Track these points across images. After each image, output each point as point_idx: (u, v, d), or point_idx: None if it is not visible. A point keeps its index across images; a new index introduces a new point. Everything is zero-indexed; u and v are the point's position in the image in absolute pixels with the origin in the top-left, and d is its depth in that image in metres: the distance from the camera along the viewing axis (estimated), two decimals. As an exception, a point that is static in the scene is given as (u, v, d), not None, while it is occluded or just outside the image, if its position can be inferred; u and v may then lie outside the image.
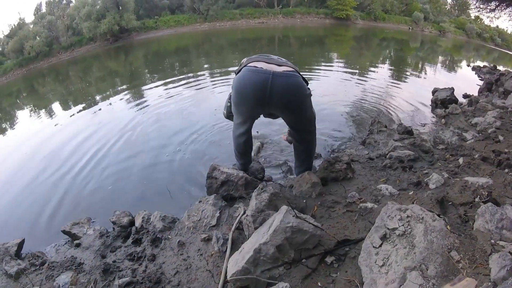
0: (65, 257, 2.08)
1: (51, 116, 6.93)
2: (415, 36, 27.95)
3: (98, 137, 4.54)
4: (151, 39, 25.92)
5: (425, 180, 2.20)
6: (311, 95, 2.24)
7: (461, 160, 2.60)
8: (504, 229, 1.41)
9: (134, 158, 3.69)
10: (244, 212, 2.00)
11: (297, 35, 23.17)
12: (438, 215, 1.47)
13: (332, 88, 6.46)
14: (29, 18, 36.12)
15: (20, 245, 2.26)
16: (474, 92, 6.56)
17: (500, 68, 10.67)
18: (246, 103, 2.21)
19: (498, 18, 9.08)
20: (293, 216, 1.51)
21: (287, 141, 3.19)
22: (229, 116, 2.61)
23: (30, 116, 7.48)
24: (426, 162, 2.71)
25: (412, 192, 2.07)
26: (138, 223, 2.33)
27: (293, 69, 2.13)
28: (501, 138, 3.14)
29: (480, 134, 3.44)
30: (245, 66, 2.14)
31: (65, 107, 7.57)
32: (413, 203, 1.77)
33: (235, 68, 2.24)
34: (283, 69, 2.08)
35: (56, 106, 7.88)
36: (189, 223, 2.20)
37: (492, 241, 1.35)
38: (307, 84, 2.21)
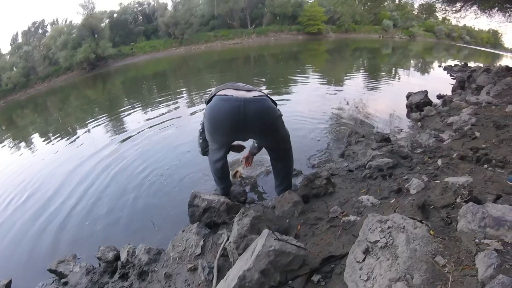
0: (53, 297, 2.03)
1: (31, 149, 6.76)
2: (386, 43, 28.93)
3: (77, 170, 4.43)
4: (128, 65, 25.94)
5: (406, 186, 2.21)
6: (281, 115, 2.29)
7: (439, 162, 2.63)
8: (488, 227, 1.39)
9: (114, 190, 3.60)
10: (228, 239, 1.97)
11: (272, 53, 23.55)
12: (420, 221, 1.46)
13: (309, 102, 6.52)
14: (6, 48, 35.77)
15: (8, 286, 2.23)
16: (448, 91, 6.77)
17: (471, 64, 11.07)
18: (221, 131, 2.23)
19: (464, 17, 9.53)
20: (274, 239, 1.49)
21: (249, 158, 3.14)
22: (205, 152, 2.60)
23: (10, 149, 7.25)
24: (405, 167, 2.73)
25: (393, 200, 2.07)
26: (123, 257, 2.29)
27: (262, 94, 2.18)
28: (477, 134, 3.21)
29: (457, 133, 3.51)
30: (215, 95, 2.16)
31: (45, 139, 7.33)
32: (395, 211, 1.77)
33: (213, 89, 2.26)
34: (252, 94, 2.12)
35: (35, 139, 7.70)
36: (174, 253, 2.15)
37: (477, 240, 1.34)
38: (276, 105, 2.26)
